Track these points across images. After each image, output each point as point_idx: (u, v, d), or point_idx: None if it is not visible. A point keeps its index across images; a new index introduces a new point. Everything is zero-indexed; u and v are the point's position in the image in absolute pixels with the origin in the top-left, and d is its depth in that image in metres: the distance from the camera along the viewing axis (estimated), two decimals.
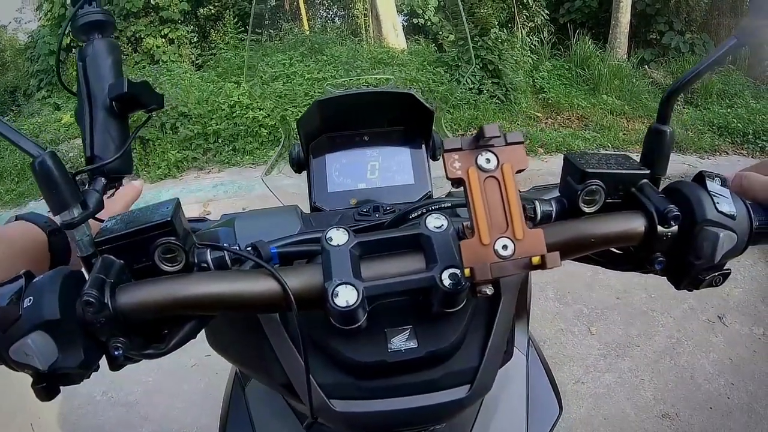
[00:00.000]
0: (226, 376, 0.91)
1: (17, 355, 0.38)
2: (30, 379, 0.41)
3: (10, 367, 0.40)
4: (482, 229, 0.39)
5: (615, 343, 2.66)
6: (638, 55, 9.50)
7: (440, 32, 10.65)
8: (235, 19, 9.49)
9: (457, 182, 0.41)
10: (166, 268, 0.46)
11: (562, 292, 3.02)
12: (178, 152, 6.29)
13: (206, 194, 5.38)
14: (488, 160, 0.41)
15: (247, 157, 6.32)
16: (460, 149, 0.41)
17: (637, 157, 0.57)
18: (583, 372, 2.46)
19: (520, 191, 0.43)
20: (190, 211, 4.02)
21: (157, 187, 5.74)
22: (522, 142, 0.42)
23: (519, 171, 0.41)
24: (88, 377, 0.43)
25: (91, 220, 0.46)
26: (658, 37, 10.03)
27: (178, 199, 0.50)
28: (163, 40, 9.77)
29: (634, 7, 9.43)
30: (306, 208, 0.83)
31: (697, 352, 2.57)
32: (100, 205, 0.47)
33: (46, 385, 0.41)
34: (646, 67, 9.30)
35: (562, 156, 0.54)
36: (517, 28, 9.53)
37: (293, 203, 0.78)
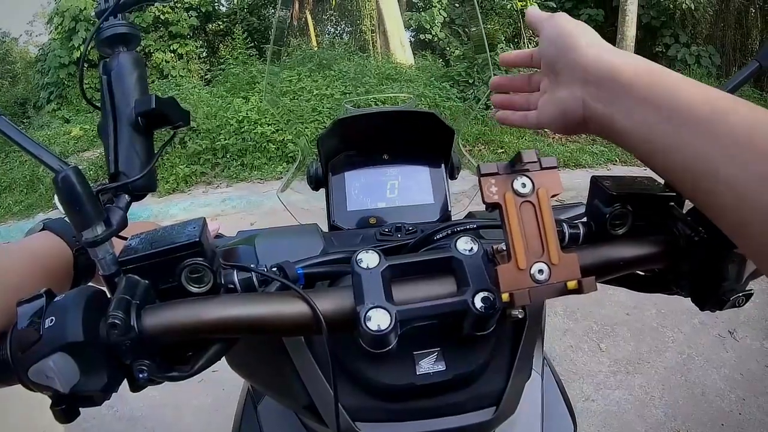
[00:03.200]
0: (233, 391, 0.90)
1: (37, 377, 0.38)
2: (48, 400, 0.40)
3: (29, 388, 0.39)
4: (519, 254, 0.39)
5: (625, 360, 2.63)
6: None
7: (447, 48, 10.72)
8: (244, 35, 9.57)
9: (493, 206, 0.41)
10: (194, 289, 0.45)
11: (572, 309, 2.99)
12: (186, 167, 6.34)
13: (214, 209, 5.40)
14: (524, 185, 0.41)
15: (255, 172, 6.35)
16: (496, 173, 0.41)
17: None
18: (593, 389, 2.44)
19: None
20: None
21: (166, 201, 5.77)
22: (556, 167, 0.42)
23: (553, 195, 0.41)
24: (109, 399, 0.42)
25: (114, 238, 0.45)
26: (664, 50, 10.07)
27: (204, 218, 0.49)
28: (172, 55, 9.90)
29: (639, 20, 9.48)
30: (320, 224, 0.83)
31: (708, 368, 2.54)
32: (123, 223, 0.46)
33: (66, 407, 0.40)
34: None
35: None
36: (524, 43, 9.58)
37: (303, 219, 0.77)
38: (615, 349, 2.72)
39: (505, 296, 0.39)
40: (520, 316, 0.41)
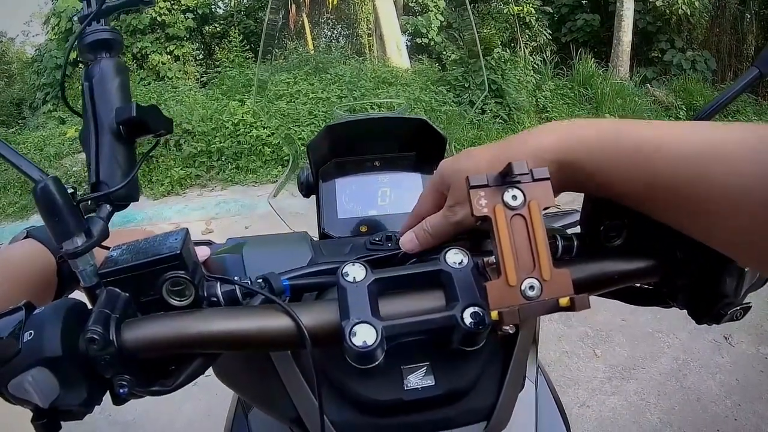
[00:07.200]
0: (226, 397, 0.89)
1: (17, 390, 0.37)
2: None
3: (9, 401, 0.38)
4: (509, 270, 0.37)
5: (620, 366, 2.63)
6: (640, 74, 9.56)
7: (444, 52, 10.72)
8: (241, 37, 9.55)
9: (482, 220, 0.39)
10: (175, 302, 0.44)
11: (567, 314, 2.96)
12: (181, 169, 6.33)
13: (209, 212, 5.39)
14: (515, 197, 0.39)
15: (251, 175, 6.35)
16: (486, 185, 0.39)
17: None
18: (588, 395, 2.43)
19: None
20: (192, 228, 4.01)
21: (160, 204, 5.76)
22: (548, 178, 0.40)
23: (545, 208, 0.40)
24: (91, 412, 0.41)
25: (97, 248, 0.44)
26: (660, 55, 10.12)
27: (186, 229, 0.48)
28: (169, 56, 9.87)
29: (635, 25, 9.52)
30: (311, 230, 0.81)
31: (704, 374, 2.54)
32: (105, 234, 0.45)
33: (47, 421, 0.39)
34: (648, 85, 9.35)
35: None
36: (520, 47, 9.61)
37: (298, 223, 0.76)
38: (610, 354, 2.72)
39: (494, 314, 0.37)
40: (511, 332, 0.39)
